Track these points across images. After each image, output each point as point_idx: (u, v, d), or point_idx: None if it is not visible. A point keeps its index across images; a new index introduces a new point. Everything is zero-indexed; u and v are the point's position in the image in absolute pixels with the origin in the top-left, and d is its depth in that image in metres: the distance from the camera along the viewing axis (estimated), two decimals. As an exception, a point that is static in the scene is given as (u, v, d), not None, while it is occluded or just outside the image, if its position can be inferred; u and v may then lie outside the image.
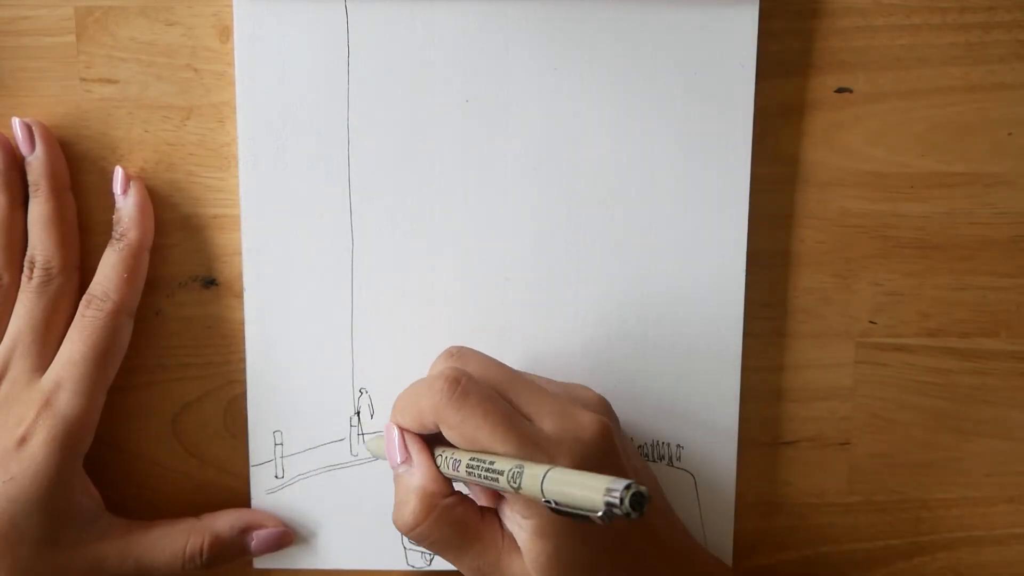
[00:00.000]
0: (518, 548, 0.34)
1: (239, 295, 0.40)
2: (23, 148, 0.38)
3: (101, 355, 0.38)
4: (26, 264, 0.38)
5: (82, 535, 0.38)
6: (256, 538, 0.40)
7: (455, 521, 0.34)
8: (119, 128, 0.39)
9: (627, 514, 0.26)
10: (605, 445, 0.34)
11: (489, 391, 0.34)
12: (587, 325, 0.40)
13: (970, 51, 0.40)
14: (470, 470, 0.32)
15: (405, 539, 0.41)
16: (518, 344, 0.40)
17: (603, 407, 0.37)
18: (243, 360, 0.41)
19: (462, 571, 0.35)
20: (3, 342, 0.38)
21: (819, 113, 0.40)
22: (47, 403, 0.37)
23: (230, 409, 0.41)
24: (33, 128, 0.38)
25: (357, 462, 0.41)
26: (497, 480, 0.31)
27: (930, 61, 0.40)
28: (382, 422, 0.41)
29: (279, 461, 0.41)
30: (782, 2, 0.39)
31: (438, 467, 0.34)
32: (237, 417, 0.41)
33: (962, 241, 0.41)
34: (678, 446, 0.41)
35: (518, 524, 0.33)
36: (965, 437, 0.43)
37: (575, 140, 0.39)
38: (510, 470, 0.31)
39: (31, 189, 0.38)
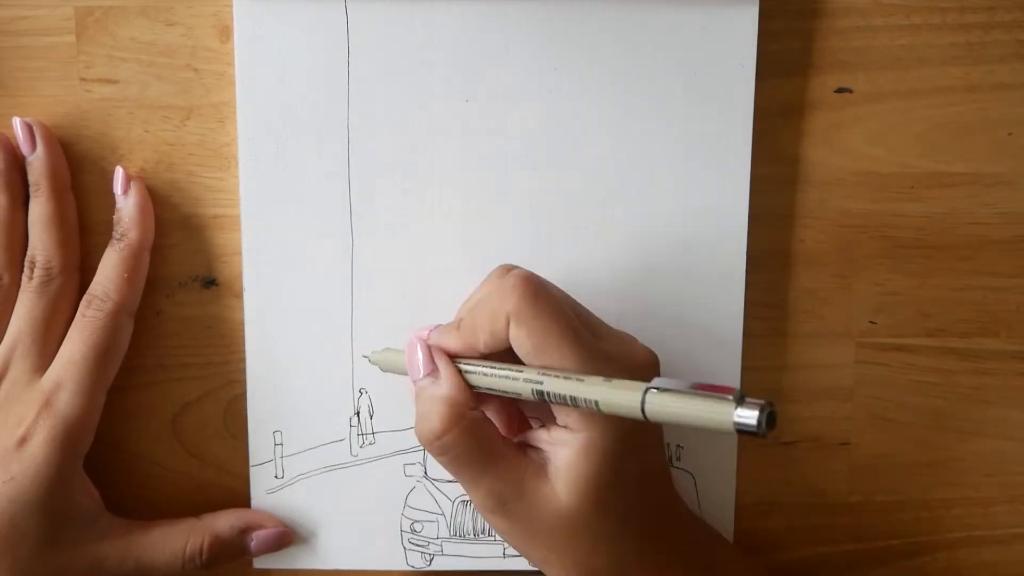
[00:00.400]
0: (544, 472, 0.33)
1: (239, 295, 0.40)
2: (24, 148, 0.38)
3: (101, 355, 0.38)
4: (26, 264, 0.38)
5: (82, 535, 0.38)
6: (256, 538, 0.40)
7: (481, 435, 0.33)
8: (119, 128, 0.39)
9: (762, 433, 0.26)
10: (654, 375, 0.34)
11: (561, 299, 0.34)
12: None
13: (970, 51, 0.40)
14: (534, 381, 0.32)
15: (405, 539, 0.41)
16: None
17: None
18: (243, 360, 0.41)
19: (477, 496, 0.34)
20: (3, 342, 0.38)
21: (819, 113, 0.40)
22: (47, 403, 0.37)
23: (230, 409, 0.41)
24: (34, 128, 0.38)
25: (357, 462, 0.41)
26: (577, 390, 0.30)
27: (930, 61, 0.40)
28: (382, 422, 0.41)
29: (279, 461, 0.41)
30: (782, 2, 0.39)
31: (465, 379, 0.34)
32: (237, 417, 0.41)
33: (962, 241, 0.41)
34: (678, 446, 0.41)
35: (562, 441, 0.33)
36: (965, 437, 0.43)
37: (575, 140, 0.39)
38: (594, 381, 0.30)
39: (32, 189, 0.38)
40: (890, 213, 0.41)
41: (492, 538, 0.41)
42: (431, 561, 0.42)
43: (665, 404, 0.28)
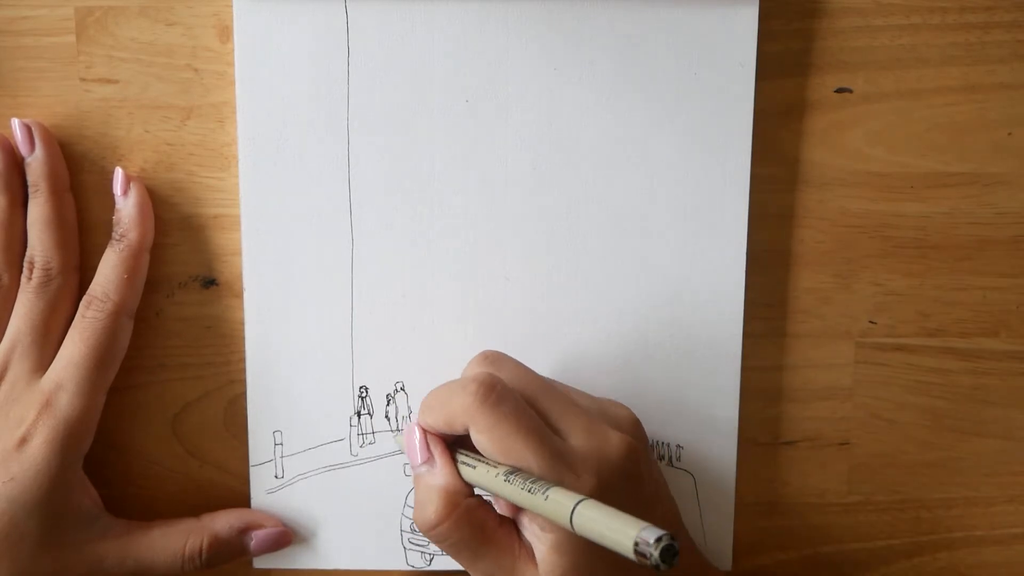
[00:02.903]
0: (534, 558, 0.34)
1: (239, 295, 0.40)
2: (23, 149, 0.38)
3: (101, 356, 0.38)
4: (26, 264, 0.38)
5: (82, 535, 0.38)
6: (255, 538, 0.40)
7: (475, 522, 0.34)
8: (119, 128, 0.39)
9: (656, 566, 0.27)
10: (630, 467, 0.34)
11: (521, 401, 0.34)
12: (587, 325, 0.40)
13: (970, 51, 0.40)
14: (503, 478, 0.32)
15: (405, 539, 0.41)
16: (518, 344, 0.40)
17: (634, 427, 0.37)
18: (243, 360, 0.41)
19: (475, 574, 0.35)
20: (3, 343, 0.38)
21: (819, 113, 0.40)
22: (47, 404, 0.37)
23: (230, 409, 0.41)
24: (33, 129, 0.38)
25: (357, 462, 0.41)
26: (523, 500, 0.31)
27: (930, 61, 0.40)
28: (382, 422, 0.41)
29: (279, 461, 0.41)
30: (782, 2, 0.39)
31: (459, 470, 0.35)
32: (237, 417, 0.41)
33: (962, 241, 0.41)
34: (678, 446, 0.41)
35: (536, 536, 0.33)
36: (965, 437, 0.43)
37: (575, 140, 0.39)
38: (540, 489, 0.31)
39: (31, 190, 0.38)
40: (890, 213, 0.41)
41: (492, 538, 0.41)
42: (431, 561, 0.42)
43: (585, 523, 0.29)
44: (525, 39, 0.39)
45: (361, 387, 0.41)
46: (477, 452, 0.34)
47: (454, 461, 0.35)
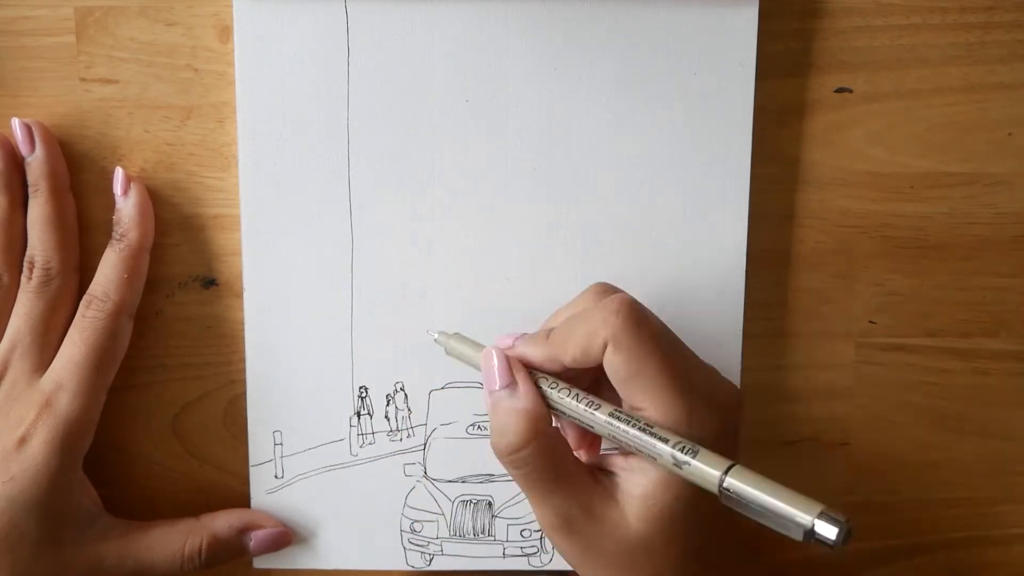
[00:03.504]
0: (613, 497, 0.33)
1: (239, 295, 0.40)
2: (23, 149, 0.38)
3: (101, 356, 0.38)
4: (26, 264, 0.38)
5: (81, 535, 0.38)
6: (255, 538, 0.40)
7: (556, 452, 0.33)
8: (119, 128, 0.39)
9: (833, 545, 0.27)
10: (737, 419, 0.34)
11: (662, 326, 0.33)
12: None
13: (970, 51, 0.40)
14: (616, 417, 0.31)
15: (405, 539, 0.41)
16: (518, 344, 0.40)
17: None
18: (243, 360, 0.41)
19: (542, 514, 0.33)
20: (3, 342, 0.38)
21: (819, 113, 0.40)
22: (47, 404, 0.37)
23: (230, 409, 0.41)
24: (33, 128, 0.38)
25: (357, 462, 0.41)
26: (654, 444, 0.30)
27: (930, 61, 0.40)
28: (382, 422, 0.41)
29: (279, 461, 0.41)
30: (782, 2, 0.39)
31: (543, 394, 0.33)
32: (237, 417, 0.41)
33: (962, 241, 0.41)
34: (678, 446, 0.41)
35: (635, 468, 0.32)
36: (965, 437, 0.43)
37: (575, 140, 0.39)
38: (679, 444, 0.30)
39: (31, 190, 0.38)
40: (890, 213, 0.41)
41: (492, 538, 0.41)
42: (431, 561, 0.42)
43: (743, 492, 0.29)
44: (525, 39, 0.39)
45: (361, 387, 0.41)
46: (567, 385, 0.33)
47: (537, 385, 0.34)
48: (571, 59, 0.39)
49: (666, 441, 0.30)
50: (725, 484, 0.29)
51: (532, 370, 0.34)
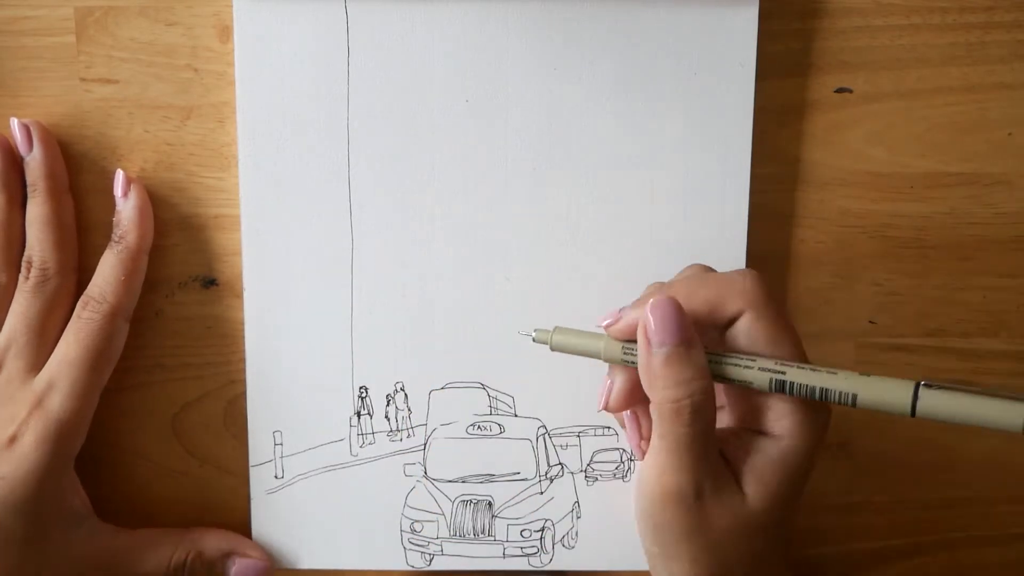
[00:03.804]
0: (726, 474, 0.33)
1: (239, 295, 0.40)
2: (21, 149, 0.38)
3: (96, 357, 0.38)
4: (23, 264, 0.38)
5: (69, 537, 0.38)
6: (237, 564, 0.40)
7: (713, 420, 0.33)
8: (119, 128, 0.39)
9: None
10: None
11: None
12: (587, 325, 0.40)
13: (970, 51, 0.40)
14: (778, 371, 0.32)
15: (405, 539, 0.41)
16: (518, 344, 0.40)
17: None
18: (243, 360, 0.41)
19: (680, 481, 0.32)
20: (-1, 341, 0.38)
21: (819, 113, 0.40)
22: (39, 403, 0.37)
23: (230, 409, 0.41)
24: (31, 129, 0.38)
25: (357, 462, 0.41)
26: (842, 384, 0.31)
27: (930, 61, 0.40)
28: (382, 422, 0.41)
29: (279, 461, 0.41)
30: (782, 2, 0.39)
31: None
32: (237, 417, 0.41)
33: (962, 241, 0.41)
34: (678, 446, 0.41)
35: (757, 448, 0.33)
36: (965, 437, 0.43)
37: (575, 140, 0.39)
38: (856, 375, 0.31)
39: (29, 190, 0.38)
40: (890, 213, 0.41)
41: (492, 538, 0.41)
42: (431, 561, 0.42)
43: (942, 402, 0.29)
44: (525, 39, 0.39)
45: (361, 387, 0.41)
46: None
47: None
48: (571, 59, 0.39)
49: (834, 373, 0.32)
50: (919, 405, 0.30)
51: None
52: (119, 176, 0.39)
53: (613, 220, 0.40)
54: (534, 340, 0.36)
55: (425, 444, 0.41)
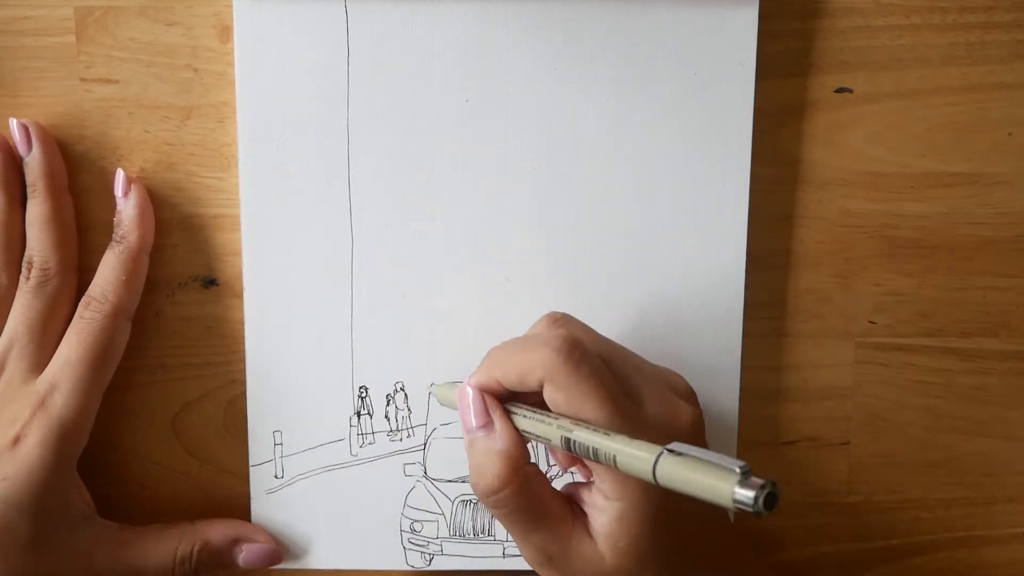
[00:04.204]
0: (589, 531, 0.33)
1: (239, 295, 0.40)
2: (20, 149, 0.38)
3: (98, 357, 0.38)
4: (24, 264, 0.38)
5: (74, 537, 0.38)
6: (245, 551, 0.40)
7: (534, 492, 0.33)
8: (119, 128, 0.39)
9: (758, 513, 0.26)
10: (698, 439, 0.34)
11: (601, 364, 0.33)
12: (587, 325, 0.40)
13: (970, 51, 0.40)
14: (565, 429, 0.31)
15: (405, 539, 0.41)
16: (518, 344, 0.40)
17: (692, 397, 0.36)
18: (243, 360, 0.41)
19: (526, 551, 0.34)
20: (0, 342, 0.38)
21: (819, 113, 0.40)
22: (42, 404, 0.37)
23: (230, 409, 0.41)
24: (30, 128, 0.38)
25: (357, 462, 0.41)
26: (600, 443, 0.30)
27: (930, 61, 0.40)
28: (381, 422, 0.41)
29: (279, 461, 0.41)
30: (782, 2, 0.39)
31: (519, 431, 0.33)
32: (237, 417, 0.41)
33: (962, 241, 0.41)
34: (678, 446, 0.41)
35: (598, 508, 0.33)
36: (965, 437, 0.43)
37: (575, 140, 0.39)
38: (618, 436, 0.30)
39: (29, 190, 0.38)
40: (890, 213, 0.41)
41: (492, 538, 0.41)
42: (431, 561, 0.42)
43: (674, 470, 0.28)
44: (525, 39, 0.39)
45: (361, 387, 0.41)
46: (531, 407, 0.33)
47: (512, 423, 0.34)
48: (571, 59, 0.39)
49: (607, 435, 0.30)
50: (657, 472, 0.28)
51: (508, 402, 0.34)
52: (119, 176, 0.39)
53: (613, 220, 0.40)
54: (431, 394, 0.39)
55: (425, 444, 0.41)
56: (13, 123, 0.38)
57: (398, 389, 0.41)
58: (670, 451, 0.28)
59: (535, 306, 0.40)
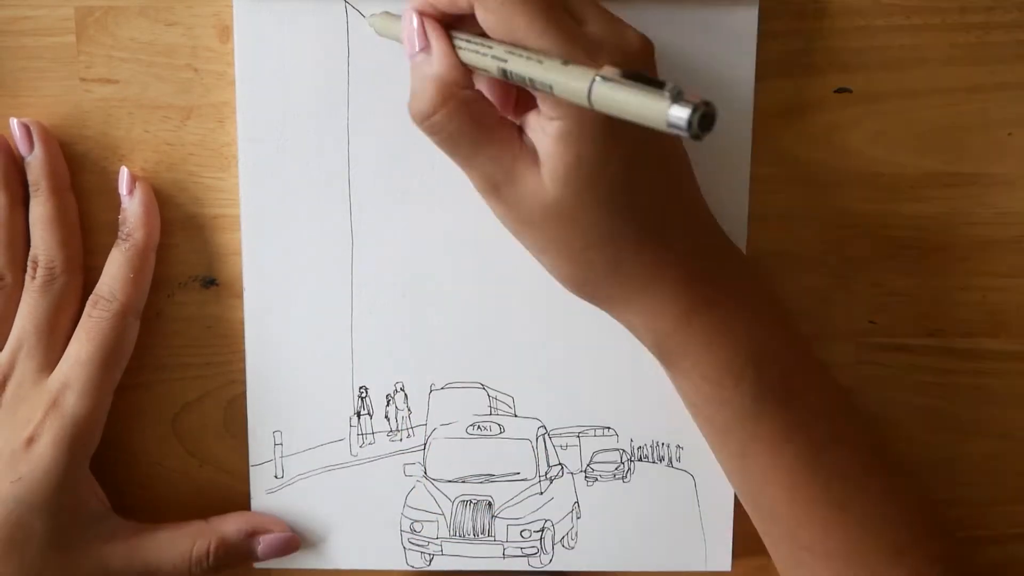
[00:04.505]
0: (535, 160, 0.32)
1: (239, 295, 0.40)
2: (21, 148, 0.38)
3: (108, 355, 0.38)
4: (29, 264, 0.38)
5: (89, 536, 0.38)
6: (263, 542, 0.40)
7: (472, 115, 0.32)
8: (119, 128, 0.39)
9: (695, 136, 0.25)
10: (648, 63, 0.33)
11: None
12: (588, 325, 0.40)
13: (970, 51, 0.40)
14: (500, 59, 0.30)
15: (405, 539, 0.41)
16: (517, 343, 0.40)
17: (647, 43, 0.34)
18: (243, 360, 0.41)
19: (472, 177, 0.33)
20: (8, 342, 0.38)
21: (819, 113, 0.40)
22: (54, 404, 0.37)
23: (230, 409, 0.41)
24: (31, 128, 0.38)
25: (357, 462, 0.41)
26: (534, 71, 0.29)
27: (930, 61, 0.40)
28: (381, 422, 0.41)
29: (279, 461, 0.41)
30: (782, 2, 0.39)
31: (458, 55, 0.32)
32: (237, 417, 0.41)
33: (962, 241, 0.41)
34: (678, 446, 0.41)
35: (541, 128, 0.31)
36: (965, 437, 0.43)
37: (575, 140, 0.39)
38: (551, 62, 0.28)
39: (31, 189, 0.38)
40: (890, 213, 0.41)
41: (492, 538, 0.41)
42: (431, 561, 0.42)
43: (608, 95, 0.26)
44: (525, 39, 0.39)
45: (361, 387, 0.41)
46: (478, 36, 0.32)
47: (452, 47, 0.32)
48: (571, 59, 0.39)
49: (540, 62, 0.29)
50: (592, 96, 0.27)
51: (454, 30, 0.32)
52: (124, 174, 0.39)
53: (613, 220, 0.40)
54: (369, 25, 0.36)
55: (425, 444, 0.41)
56: (14, 123, 0.38)
57: (398, 389, 0.41)
58: (604, 78, 0.27)
59: (535, 306, 0.40)
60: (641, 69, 0.28)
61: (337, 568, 0.42)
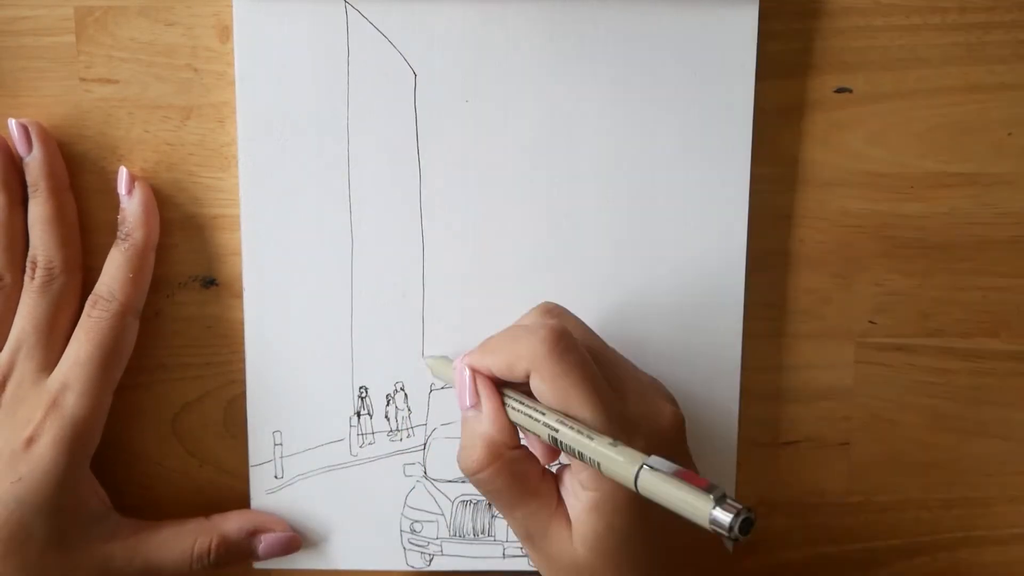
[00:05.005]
0: (568, 519, 0.33)
1: (239, 295, 0.40)
2: (20, 149, 0.38)
3: (108, 355, 0.38)
4: (28, 264, 0.38)
5: (90, 535, 0.38)
6: (264, 541, 0.40)
7: (516, 474, 0.34)
8: (119, 128, 0.39)
9: (734, 538, 0.26)
10: (678, 439, 0.35)
11: (587, 355, 0.33)
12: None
13: (970, 51, 0.40)
14: (552, 428, 0.32)
15: (405, 539, 0.41)
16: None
17: (675, 403, 0.37)
18: (243, 360, 0.41)
19: (511, 524, 0.35)
20: (8, 343, 0.38)
21: (819, 113, 0.40)
22: (54, 404, 0.37)
23: (230, 409, 0.41)
24: (30, 128, 0.38)
25: (357, 462, 0.41)
26: (584, 447, 0.31)
27: (930, 61, 0.40)
28: (381, 422, 0.41)
29: (279, 461, 0.41)
30: (782, 2, 0.39)
31: (507, 416, 0.34)
32: (237, 417, 0.41)
33: (962, 241, 0.41)
34: (678, 446, 0.41)
35: (574, 494, 0.33)
36: (965, 437, 0.43)
37: (575, 140, 0.39)
38: (601, 439, 0.30)
39: (30, 190, 0.38)
40: (890, 213, 0.41)
41: (492, 538, 0.41)
42: (431, 561, 0.42)
43: (654, 484, 0.28)
44: (525, 39, 0.39)
45: (361, 387, 0.41)
46: (527, 397, 0.34)
47: (503, 407, 0.34)
48: (571, 59, 0.39)
49: (591, 438, 0.31)
50: (639, 484, 0.29)
51: (504, 388, 0.34)
52: (123, 173, 0.39)
53: (613, 220, 0.40)
54: (427, 365, 0.39)
55: (425, 444, 0.41)
56: (12, 123, 0.38)
57: (398, 389, 0.41)
58: (650, 467, 0.29)
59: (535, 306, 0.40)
60: (673, 444, 0.33)
61: (337, 568, 0.42)
